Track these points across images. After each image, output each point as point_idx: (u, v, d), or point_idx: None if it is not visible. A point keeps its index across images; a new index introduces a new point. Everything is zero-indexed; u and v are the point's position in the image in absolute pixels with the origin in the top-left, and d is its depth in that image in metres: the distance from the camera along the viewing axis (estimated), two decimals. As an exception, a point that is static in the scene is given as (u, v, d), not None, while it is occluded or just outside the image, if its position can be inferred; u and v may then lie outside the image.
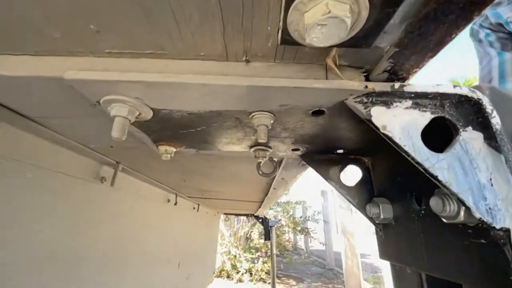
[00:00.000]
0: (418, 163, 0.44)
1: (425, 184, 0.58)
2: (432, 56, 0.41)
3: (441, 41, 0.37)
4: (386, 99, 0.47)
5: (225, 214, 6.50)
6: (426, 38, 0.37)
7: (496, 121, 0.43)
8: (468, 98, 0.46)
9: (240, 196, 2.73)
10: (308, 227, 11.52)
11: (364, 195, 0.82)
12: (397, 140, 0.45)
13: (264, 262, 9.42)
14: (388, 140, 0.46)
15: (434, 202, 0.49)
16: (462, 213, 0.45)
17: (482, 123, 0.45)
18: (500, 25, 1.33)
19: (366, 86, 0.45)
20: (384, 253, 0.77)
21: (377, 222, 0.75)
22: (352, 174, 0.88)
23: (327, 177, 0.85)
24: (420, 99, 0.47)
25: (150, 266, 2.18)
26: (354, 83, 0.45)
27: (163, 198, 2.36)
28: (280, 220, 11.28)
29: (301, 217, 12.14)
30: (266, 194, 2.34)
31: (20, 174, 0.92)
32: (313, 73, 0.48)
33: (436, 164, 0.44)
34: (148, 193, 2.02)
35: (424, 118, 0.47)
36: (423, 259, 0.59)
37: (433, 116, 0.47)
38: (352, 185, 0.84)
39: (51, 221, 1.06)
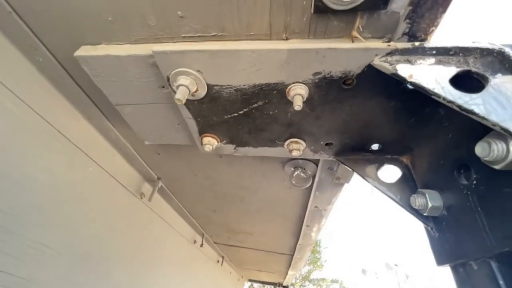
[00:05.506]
0: (450, 101, 0.46)
1: (471, 151, 0.56)
2: (443, 12, 0.49)
3: (447, -7, 0.46)
4: (409, 57, 0.53)
5: (249, 281, 5.78)
6: (433, -8, 0.46)
7: (523, 60, 0.46)
8: (490, 51, 0.50)
9: (269, 243, 2.52)
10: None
11: (407, 191, 0.77)
12: (424, 85, 0.49)
13: None
14: (416, 88, 0.50)
15: (480, 148, 0.47)
16: (511, 147, 0.43)
17: (509, 67, 0.47)
18: None
19: (389, 45, 0.53)
20: (442, 256, 0.65)
21: (425, 215, 0.68)
22: (390, 173, 0.84)
23: (363, 175, 0.83)
24: (442, 55, 0.52)
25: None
26: (377, 43, 0.54)
27: (190, 236, 2.31)
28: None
29: (338, 300, 10.09)
30: (298, 240, 2.14)
31: (85, 167, 1.07)
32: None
33: (470, 101, 0.46)
34: (177, 225, 2.02)
35: (449, 70, 0.51)
36: (488, 239, 0.51)
37: (458, 69, 0.51)
38: (391, 182, 0.80)
39: (96, 220, 1.13)
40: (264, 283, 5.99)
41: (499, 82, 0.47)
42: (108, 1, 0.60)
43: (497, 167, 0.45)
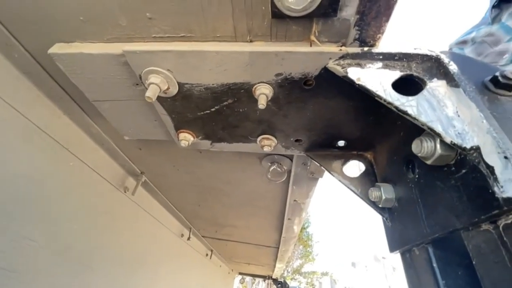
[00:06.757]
0: (389, 103, 0.51)
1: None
2: (386, 20, 0.53)
3: (387, 4, 0.50)
4: (360, 61, 0.58)
5: (240, 274, 5.89)
6: (376, 3, 0.50)
7: (453, 67, 0.51)
8: (429, 57, 0.55)
9: (255, 237, 2.59)
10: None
11: (368, 185, 0.82)
12: (369, 87, 0.54)
13: None
14: (363, 90, 0.55)
15: (414, 145, 0.53)
16: (438, 145, 0.48)
17: (444, 73, 0.53)
18: None
19: (341, 49, 0.57)
20: (393, 243, 0.72)
21: (380, 206, 0.74)
22: (354, 168, 0.90)
23: (330, 169, 0.89)
24: (388, 60, 0.57)
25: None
26: (330, 48, 0.58)
27: (177, 230, 2.35)
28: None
29: (328, 292, 10.36)
30: (281, 233, 2.21)
31: (66, 163, 1.09)
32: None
33: (406, 103, 0.51)
34: (163, 219, 2.06)
35: (394, 74, 0.56)
36: (424, 226, 0.57)
37: (402, 73, 0.56)
38: (354, 176, 0.85)
39: (79, 213, 1.16)
40: (254, 276, 6.11)
41: (434, 86, 0.52)
42: (78, 1, 0.62)
43: (428, 162, 0.51)
